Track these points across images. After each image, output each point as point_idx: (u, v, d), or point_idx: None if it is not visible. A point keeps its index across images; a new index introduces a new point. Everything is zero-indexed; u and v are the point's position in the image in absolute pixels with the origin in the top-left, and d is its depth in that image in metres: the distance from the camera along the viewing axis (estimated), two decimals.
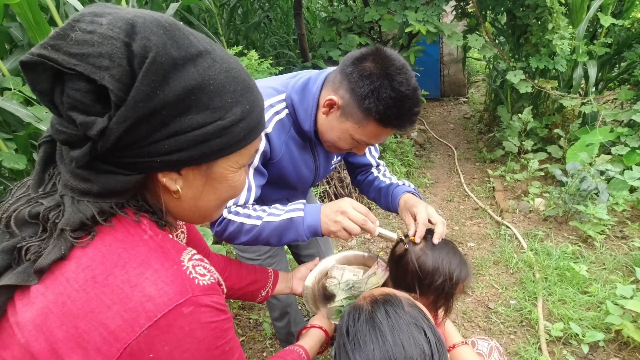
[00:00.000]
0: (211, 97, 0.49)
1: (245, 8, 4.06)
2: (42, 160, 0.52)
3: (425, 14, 3.13)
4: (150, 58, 0.44)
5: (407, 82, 0.88)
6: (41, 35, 1.78)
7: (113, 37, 0.43)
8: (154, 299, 0.46)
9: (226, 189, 0.58)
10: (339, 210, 0.92)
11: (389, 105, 0.88)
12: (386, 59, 0.89)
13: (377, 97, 0.87)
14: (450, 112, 5.47)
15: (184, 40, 0.47)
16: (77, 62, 0.43)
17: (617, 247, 2.37)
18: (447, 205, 3.18)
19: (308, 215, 0.94)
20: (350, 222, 0.92)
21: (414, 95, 0.89)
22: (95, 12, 0.45)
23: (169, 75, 0.45)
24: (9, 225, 0.49)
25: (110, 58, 0.43)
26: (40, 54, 0.43)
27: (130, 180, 0.49)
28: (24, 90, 1.75)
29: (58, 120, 0.47)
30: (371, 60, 0.89)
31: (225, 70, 0.51)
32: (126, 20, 0.44)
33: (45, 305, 0.45)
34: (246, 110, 0.53)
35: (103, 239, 0.49)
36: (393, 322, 0.67)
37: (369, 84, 0.88)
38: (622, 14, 3.37)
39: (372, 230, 0.94)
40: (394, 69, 0.88)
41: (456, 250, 0.98)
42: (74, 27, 0.44)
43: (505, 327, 1.94)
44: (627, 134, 2.90)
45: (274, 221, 0.95)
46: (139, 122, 0.45)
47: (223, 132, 0.51)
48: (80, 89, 0.44)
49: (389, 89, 0.87)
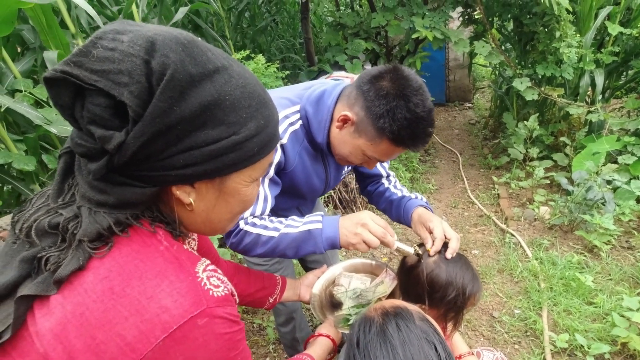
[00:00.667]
0: (227, 112, 0.49)
1: (252, 12, 4.08)
2: (62, 170, 0.53)
3: (432, 20, 3.14)
4: (169, 75, 0.44)
5: (423, 104, 0.88)
6: (53, 38, 1.80)
7: (133, 55, 0.44)
8: (170, 310, 0.47)
9: (238, 202, 0.59)
10: (359, 223, 0.92)
11: (403, 125, 0.88)
12: (403, 79, 0.89)
13: (392, 117, 0.88)
14: (455, 117, 5.47)
15: (202, 56, 0.48)
16: (98, 79, 0.44)
17: (623, 257, 2.35)
18: (451, 212, 3.17)
19: (327, 227, 0.94)
20: (371, 234, 0.91)
21: (428, 117, 0.90)
22: (117, 30, 0.46)
23: (185, 91, 0.46)
24: (29, 235, 0.50)
25: (130, 75, 0.44)
26: (63, 71, 0.44)
27: (145, 192, 0.50)
28: (34, 92, 1.77)
29: (77, 134, 0.48)
30: (388, 80, 0.90)
31: (242, 85, 0.51)
32: (146, 38, 0.45)
33: (64, 315, 0.46)
34: (261, 125, 0.53)
35: (120, 250, 0.50)
36: (404, 335, 0.67)
37: (385, 104, 0.88)
38: (629, 23, 3.36)
39: (391, 244, 0.93)
40: (411, 90, 0.88)
41: (468, 264, 0.98)
42: (97, 44, 0.45)
43: (510, 336, 1.93)
44: (634, 143, 2.89)
45: (292, 233, 0.94)
46: (155, 137, 0.46)
47: (237, 147, 0.51)
48: (99, 104, 0.45)
49: (405, 110, 0.87)
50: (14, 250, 0.51)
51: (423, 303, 0.94)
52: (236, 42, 3.77)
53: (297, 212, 1.28)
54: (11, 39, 1.96)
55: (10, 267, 0.49)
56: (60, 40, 1.82)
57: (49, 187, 0.56)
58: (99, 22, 1.85)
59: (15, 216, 0.54)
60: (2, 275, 0.49)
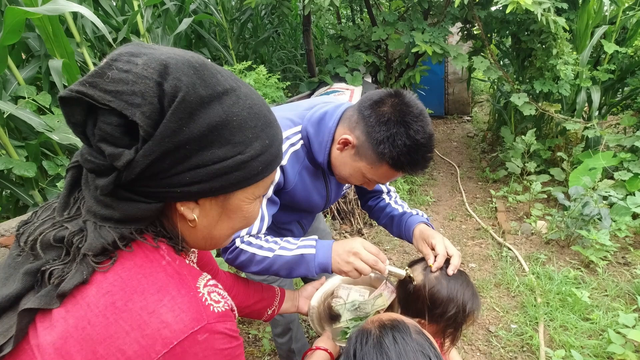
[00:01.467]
0: (233, 132, 0.51)
1: (255, 23, 4.14)
2: (69, 184, 0.54)
3: (431, 35, 3.19)
4: (180, 97, 0.46)
5: (423, 130, 0.89)
6: (58, 47, 1.82)
7: (147, 77, 0.46)
8: (171, 325, 0.48)
9: (240, 219, 0.60)
10: (351, 251, 0.94)
11: (403, 152, 0.89)
12: (404, 105, 0.90)
13: (392, 143, 0.89)
14: (453, 130, 5.51)
15: (212, 79, 0.50)
16: (112, 99, 0.45)
17: (620, 273, 2.36)
18: (449, 224, 3.18)
19: (320, 252, 0.96)
20: (362, 263, 0.94)
21: (428, 143, 0.91)
22: (132, 52, 0.48)
23: (195, 112, 0.48)
24: (34, 247, 0.50)
25: (143, 96, 0.45)
26: (78, 91, 0.46)
27: (150, 208, 0.51)
28: (37, 99, 1.78)
29: (88, 150, 0.49)
30: (390, 105, 0.91)
31: (249, 106, 0.53)
32: (160, 61, 0.47)
33: (66, 329, 0.46)
34: (265, 145, 0.55)
35: (123, 264, 0.50)
36: (400, 348, 0.68)
37: (385, 130, 0.89)
38: (625, 42, 3.43)
39: (382, 270, 0.96)
40: (412, 116, 0.89)
41: (469, 281, 0.99)
42: (112, 65, 0.47)
43: (506, 351, 1.92)
44: (630, 160, 2.92)
45: (286, 255, 0.96)
46: (164, 156, 0.47)
47: (242, 166, 0.53)
48: (111, 122, 0.46)
49: (405, 137, 0.88)
50: (17, 262, 0.51)
51: (423, 318, 0.95)
52: (238, 53, 3.81)
53: (297, 226, 1.29)
54: (16, 46, 1.98)
55: (13, 279, 0.50)
56: (66, 49, 1.84)
57: (54, 200, 0.57)
58: (104, 31, 1.87)
59: (20, 228, 0.54)
60: (4, 288, 0.49)
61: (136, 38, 2.45)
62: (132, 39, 2.38)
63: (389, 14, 3.52)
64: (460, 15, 3.41)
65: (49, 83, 1.98)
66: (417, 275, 1.01)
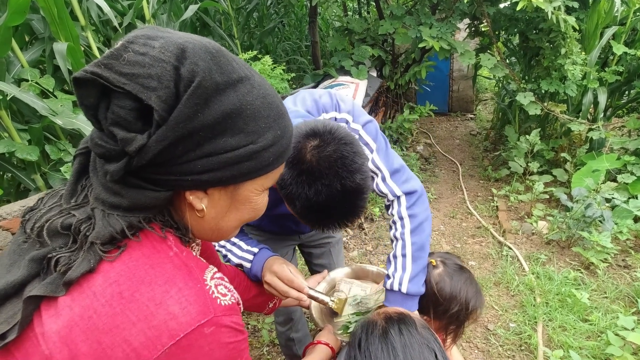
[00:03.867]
0: (247, 121, 0.50)
1: (261, 13, 4.10)
2: (76, 171, 0.53)
3: (439, 30, 3.16)
4: (196, 82, 0.45)
5: (328, 190, 0.75)
6: (63, 29, 1.80)
7: (164, 60, 0.45)
8: (178, 317, 0.47)
9: (248, 210, 0.59)
10: (264, 278, 0.99)
11: (301, 214, 0.81)
12: (312, 156, 0.76)
13: (292, 202, 0.80)
14: (457, 127, 5.49)
15: (228, 66, 0.49)
16: (127, 81, 0.44)
17: (620, 276, 2.36)
18: (449, 222, 3.18)
19: (254, 267, 1.02)
20: (275, 290, 0.97)
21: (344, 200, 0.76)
22: (149, 35, 0.47)
23: (210, 99, 0.47)
24: (40, 234, 0.50)
25: (159, 79, 0.44)
26: (93, 72, 0.44)
27: (159, 196, 0.50)
28: (41, 82, 1.76)
29: (98, 134, 0.48)
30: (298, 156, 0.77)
31: (262, 96, 0.52)
32: (177, 45, 0.46)
33: (71, 318, 0.46)
34: (277, 135, 0.54)
35: (131, 254, 0.49)
36: (406, 340, 0.68)
37: (285, 187, 0.79)
38: (634, 44, 3.39)
39: (299, 298, 0.98)
40: (311, 174, 0.75)
41: (473, 279, 0.99)
42: (128, 48, 0.45)
43: (504, 350, 1.93)
44: (633, 163, 2.91)
45: (232, 259, 1.04)
46: (177, 142, 0.46)
47: (254, 156, 0.52)
48: (125, 106, 0.45)
49: (303, 198, 0.77)
50: (23, 249, 0.51)
51: (427, 315, 0.95)
52: (243, 42, 3.78)
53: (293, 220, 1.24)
54: (20, 28, 1.95)
55: (18, 265, 0.49)
56: (71, 32, 1.82)
57: (61, 187, 0.56)
58: (110, 15, 1.84)
59: (26, 215, 0.53)
60: (9, 274, 0.48)
61: (141, 24, 2.42)
62: (137, 24, 2.35)
63: (396, 7, 3.48)
64: (469, 11, 3.38)
65: (52, 66, 1.95)
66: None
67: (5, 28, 1.56)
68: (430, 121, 5.53)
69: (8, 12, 1.51)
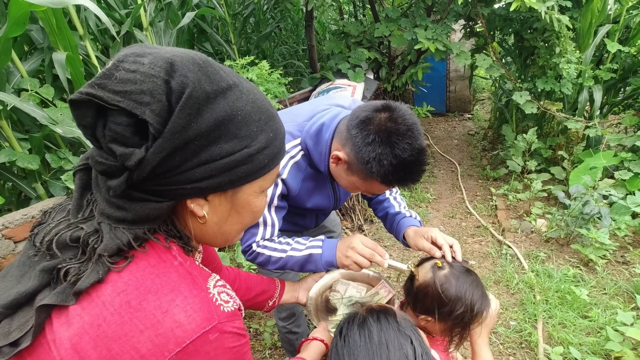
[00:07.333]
0: (239, 126, 0.52)
1: (257, 18, 4.13)
2: (79, 187, 0.55)
3: (434, 32, 3.18)
4: (187, 93, 0.47)
5: (411, 148, 0.88)
6: (62, 39, 1.82)
7: (154, 75, 0.46)
8: (183, 325, 0.49)
9: (249, 213, 0.61)
10: (349, 246, 1.03)
11: (389, 171, 0.90)
12: (391, 122, 0.89)
13: (379, 163, 0.90)
14: (454, 127, 5.51)
15: (216, 75, 0.50)
16: (121, 99, 0.46)
17: (618, 272, 2.37)
18: (449, 222, 3.19)
19: (325, 251, 1.07)
20: (360, 257, 1.02)
21: (417, 159, 0.90)
22: (137, 53, 0.49)
23: (202, 108, 0.48)
24: (50, 247, 0.52)
25: (152, 94, 0.46)
26: (87, 92, 0.46)
27: (161, 207, 0.52)
28: (40, 91, 1.78)
29: (98, 152, 0.50)
30: (376, 124, 0.90)
31: (252, 101, 0.54)
32: (166, 59, 0.48)
33: (82, 326, 0.47)
34: (270, 137, 0.56)
35: (137, 264, 0.52)
36: (382, 325, 0.73)
37: (371, 151, 0.90)
38: (628, 41, 3.42)
39: (380, 263, 1.03)
40: (397, 135, 0.88)
41: (479, 281, 0.98)
42: (119, 66, 0.47)
43: (505, 347, 1.94)
44: (630, 159, 2.93)
45: (296, 255, 1.07)
46: (174, 152, 0.48)
47: (249, 159, 0.54)
48: (121, 122, 0.47)
49: (390, 157, 0.89)
50: (33, 261, 0.53)
51: (432, 316, 0.95)
52: (240, 47, 3.80)
53: (313, 217, 1.36)
54: (19, 38, 1.97)
55: (28, 276, 0.51)
56: (69, 41, 1.84)
57: (68, 202, 0.58)
58: (107, 24, 1.87)
59: (34, 229, 0.56)
60: (20, 285, 0.51)
61: (139, 32, 2.44)
62: (135, 32, 2.38)
63: (391, 10, 3.51)
64: (464, 12, 3.40)
65: (52, 76, 1.97)
66: (425, 273, 1.00)
67: (5, 39, 1.58)
68: (428, 122, 5.55)
69: (8, 24, 1.53)
